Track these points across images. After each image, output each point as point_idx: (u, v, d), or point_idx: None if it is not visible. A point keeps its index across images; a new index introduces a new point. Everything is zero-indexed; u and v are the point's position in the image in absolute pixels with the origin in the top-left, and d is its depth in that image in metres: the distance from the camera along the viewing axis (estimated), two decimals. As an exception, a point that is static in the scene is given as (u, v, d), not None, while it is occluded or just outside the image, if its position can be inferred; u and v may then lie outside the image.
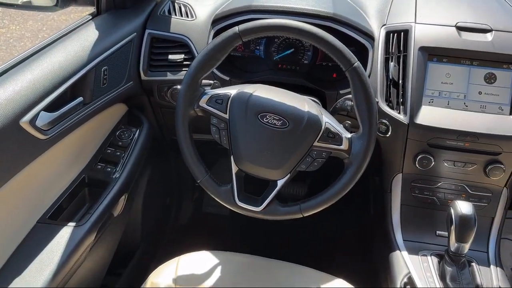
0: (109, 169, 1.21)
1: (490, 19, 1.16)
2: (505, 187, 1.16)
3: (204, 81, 1.01)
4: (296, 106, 0.96)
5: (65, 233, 1.04)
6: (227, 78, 1.23)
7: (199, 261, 1.12)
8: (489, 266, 1.12)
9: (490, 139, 1.08)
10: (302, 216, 0.99)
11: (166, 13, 1.31)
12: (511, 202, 1.21)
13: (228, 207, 1.00)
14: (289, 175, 0.97)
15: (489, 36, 1.12)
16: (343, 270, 1.35)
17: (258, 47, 1.32)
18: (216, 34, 1.21)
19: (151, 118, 1.42)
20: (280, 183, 0.98)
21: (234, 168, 0.99)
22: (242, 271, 1.11)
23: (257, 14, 1.18)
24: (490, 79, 1.10)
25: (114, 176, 1.19)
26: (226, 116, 0.97)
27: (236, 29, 0.94)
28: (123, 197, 1.21)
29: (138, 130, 1.31)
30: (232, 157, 0.98)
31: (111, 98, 1.19)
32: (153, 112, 1.42)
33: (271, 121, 0.95)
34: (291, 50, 1.29)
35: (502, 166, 1.11)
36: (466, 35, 1.12)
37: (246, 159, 0.97)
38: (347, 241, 1.88)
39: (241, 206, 0.98)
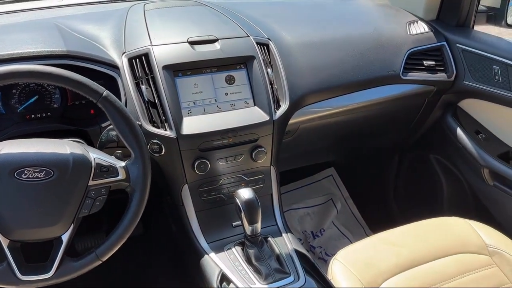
0: None
1: (215, 30, 1.32)
2: (271, 166, 1.35)
3: None
4: (56, 151, 0.89)
5: None
6: None
7: None
8: (281, 235, 1.28)
9: (245, 129, 1.23)
10: (101, 261, 0.93)
11: None
12: (281, 176, 1.41)
13: (12, 287, 0.86)
14: (72, 225, 0.90)
15: (217, 45, 1.27)
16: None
17: None
18: None
19: None
20: (65, 237, 0.90)
21: (4, 242, 0.85)
22: None
23: None
24: (230, 80, 1.26)
25: None
26: None
27: None
28: None
29: None
30: None
31: None
32: None
33: (31, 175, 0.85)
34: (35, 97, 1.19)
35: (263, 148, 1.28)
36: (199, 48, 1.25)
37: (15, 227, 0.85)
38: (161, 267, 1.86)
39: (27, 280, 0.86)
